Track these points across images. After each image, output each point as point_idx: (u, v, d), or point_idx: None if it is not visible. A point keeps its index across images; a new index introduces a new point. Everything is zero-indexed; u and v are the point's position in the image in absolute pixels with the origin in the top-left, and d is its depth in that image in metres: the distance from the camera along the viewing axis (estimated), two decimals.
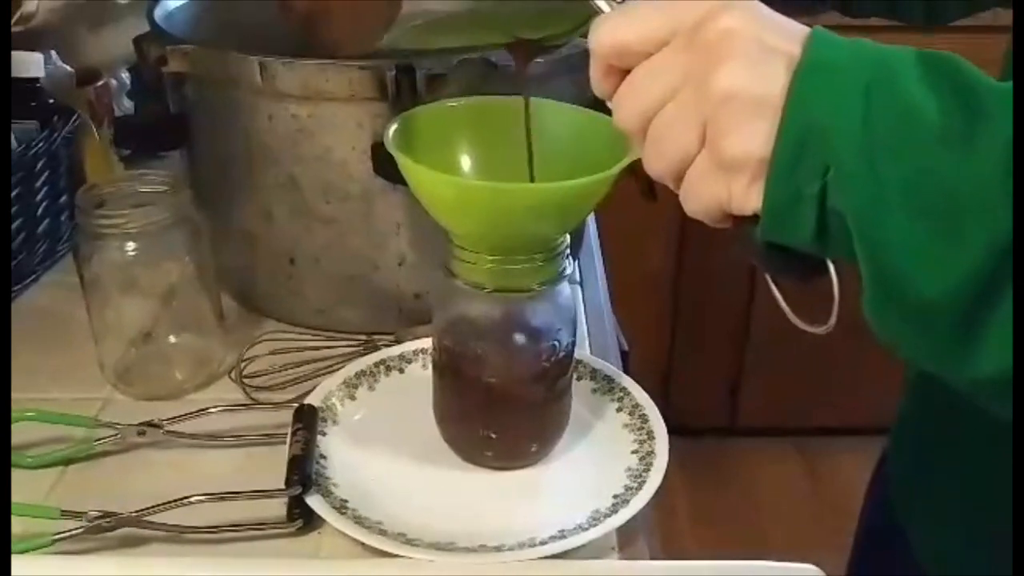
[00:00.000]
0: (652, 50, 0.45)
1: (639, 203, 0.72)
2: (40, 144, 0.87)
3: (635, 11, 0.46)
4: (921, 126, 0.40)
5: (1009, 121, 0.38)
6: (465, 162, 0.67)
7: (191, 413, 0.69)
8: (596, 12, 0.49)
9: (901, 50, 0.42)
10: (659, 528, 0.68)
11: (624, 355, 0.99)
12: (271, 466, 0.64)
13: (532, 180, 0.64)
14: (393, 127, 0.62)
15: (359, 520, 0.61)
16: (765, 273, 0.47)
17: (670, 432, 0.69)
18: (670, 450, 0.67)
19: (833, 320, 0.45)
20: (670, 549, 1.95)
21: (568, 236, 0.64)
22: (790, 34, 0.43)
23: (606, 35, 0.46)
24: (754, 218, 0.45)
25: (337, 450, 0.67)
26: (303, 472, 0.62)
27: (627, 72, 0.46)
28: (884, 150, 0.40)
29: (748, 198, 0.44)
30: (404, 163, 0.60)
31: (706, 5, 0.43)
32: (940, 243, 0.40)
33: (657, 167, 0.47)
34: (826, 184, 0.41)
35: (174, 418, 0.69)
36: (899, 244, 0.40)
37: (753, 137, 0.42)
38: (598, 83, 0.48)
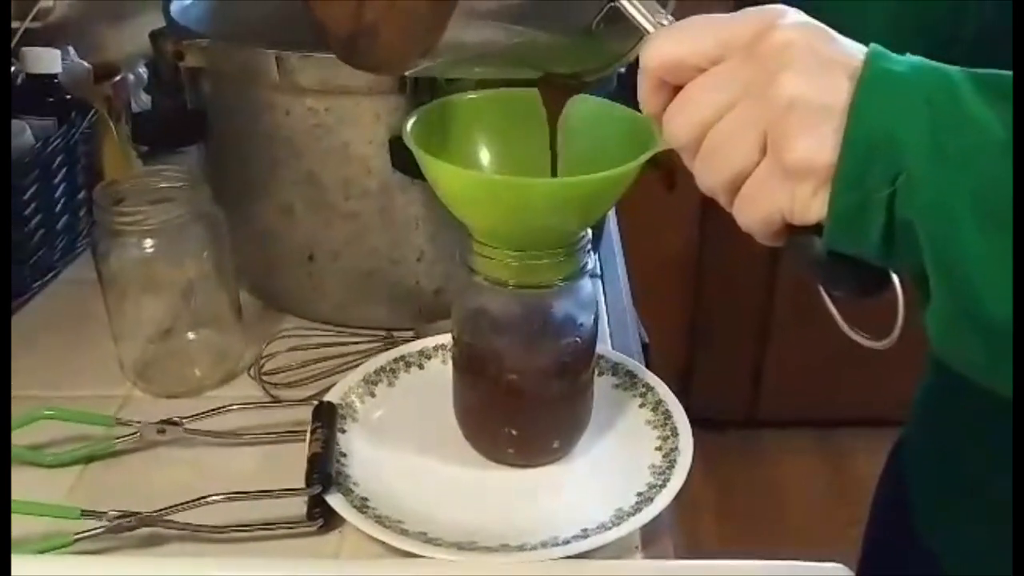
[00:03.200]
0: (705, 66, 0.45)
1: (658, 194, 0.71)
2: (58, 140, 0.87)
3: (690, 27, 0.46)
4: (985, 137, 0.40)
5: None
6: (485, 155, 0.66)
7: (210, 411, 0.69)
8: (643, 35, 0.48)
9: (952, 68, 0.42)
10: (680, 520, 0.67)
11: (644, 348, 0.99)
12: (291, 464, 0.63)
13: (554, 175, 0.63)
14: (411, 121, 0.61)
15: (380, 519, 0.60)
16: (821, 287, 0.47)
17: (691, 425, 0.68)
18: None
19: (896, 334, 0.44)
20: (690, 542, 1.94)
21: (589, 230, 0.63)
22: (846, 47, 0.44)
23: (659, 49, 0.46)
24: (813, 229, 0.44)
25: (357, 448, 0.67)
26: (323, 471, 0.62)
27: (677, 89, 0.46)
28: (952, 158, 0.40)
29: (812, 205, 0.43)
30: (422, 157, 0.59)
31: (762, 21, 0.44)
32: (1011, 256, 0.39)
33: (712, 180, 0.46)
34: (895, 191, 0.41)
35: (193, 416, 0.69)
36: (972, 256, 0.40)
37: (820, 142, 0.42)
38: (647, 98, 0.47)
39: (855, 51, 0.43)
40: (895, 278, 0.45)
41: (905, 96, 0.41)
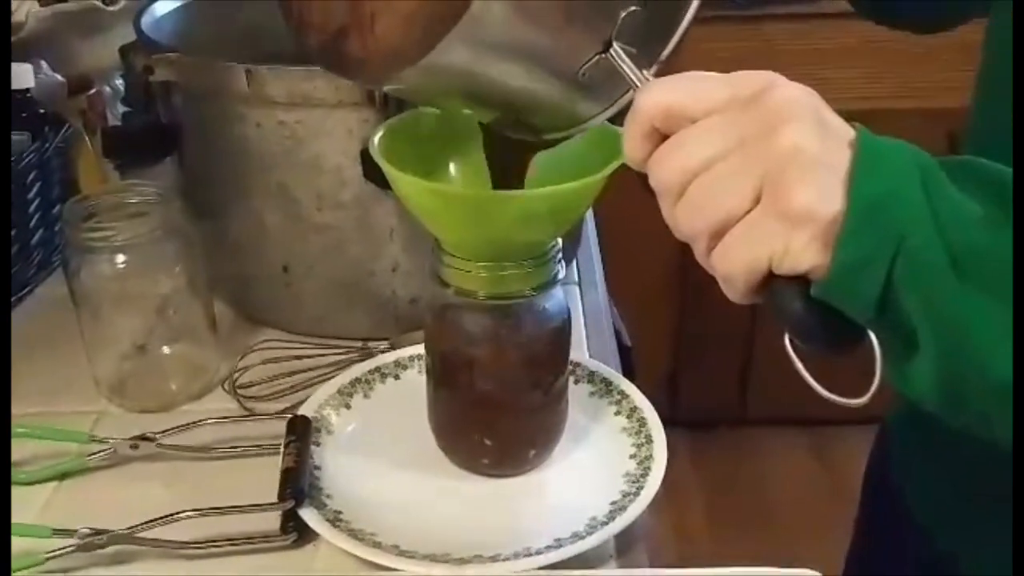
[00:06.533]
0: (701, 117, 0.45)
1: (642, 197, 0.71)
2: (31, 155, 0.86)
3: (689, 79, 0.46)
4: (971, 211, 0.43)
5: None
6: (454, 167, 0.66)
7: (184, 425, 0.69)
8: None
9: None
10: (670, 519, 0.67)
11: (628, 351, 0.98)
12: (265, 478, 0.63)
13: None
14: (378, 134, 0.61)
15: (353, 532, 0.60)
16: (790, 344, 0.46)
17: (681, 425, 0.69)
18: (682, 443, 0.67)
19: (872, 392, 0.45)
20: (682, 541, 1.94)
21: (560, 240, 0.63)
22: (840, 120, 0.45)
23: (659, 96, 0.46)
24: (795, 281, 0.44)
25: (331, 461, 0.67)
26: (296, 485, 0.62)
27: (664, 139, 0.46)
28: (949, 226, 0.42)
29: (805, 254, 0.43)
30: (389, 172, 0.59)
31: (764, 79, 0.45)
32: (1008, 318, 0.41)
33: (697, 224, 0.46)
34: (898, 254, 0.42)
35: (167, 431, 0.68)
36: (971, 319, 0.42)
37: (824, 192, 0.43)
38: (636, 143, 0.47)
39: (846, 124, 0.45)
40: (872, 336, 0.45)
41: (901, 162, 0.43)
